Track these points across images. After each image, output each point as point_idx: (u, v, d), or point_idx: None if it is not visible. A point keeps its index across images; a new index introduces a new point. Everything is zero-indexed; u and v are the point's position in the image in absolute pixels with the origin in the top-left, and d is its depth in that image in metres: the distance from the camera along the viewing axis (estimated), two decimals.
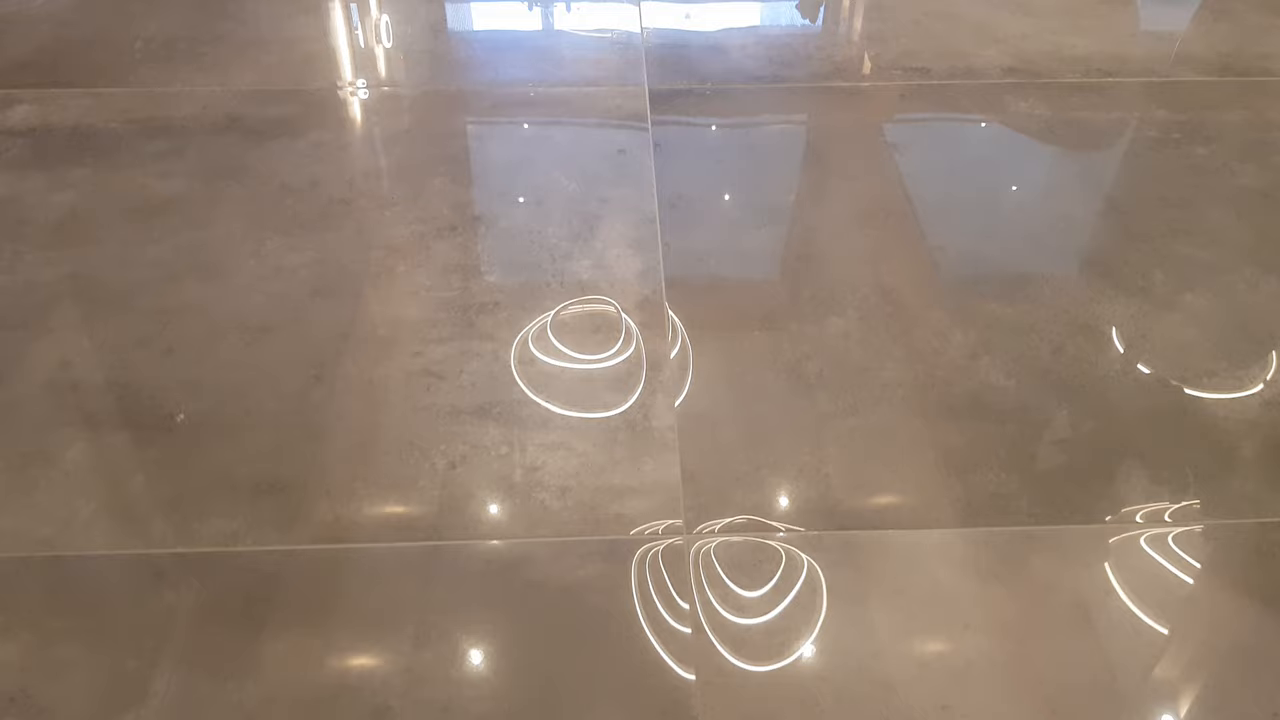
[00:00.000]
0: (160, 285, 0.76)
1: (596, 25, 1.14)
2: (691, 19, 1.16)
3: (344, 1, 1.18)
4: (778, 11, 1.22)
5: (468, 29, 1.14)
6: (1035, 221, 0.84)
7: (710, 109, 0.99)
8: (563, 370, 0.70)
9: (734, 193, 0.88)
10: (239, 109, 0.97)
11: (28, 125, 0.94)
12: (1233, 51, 1.09)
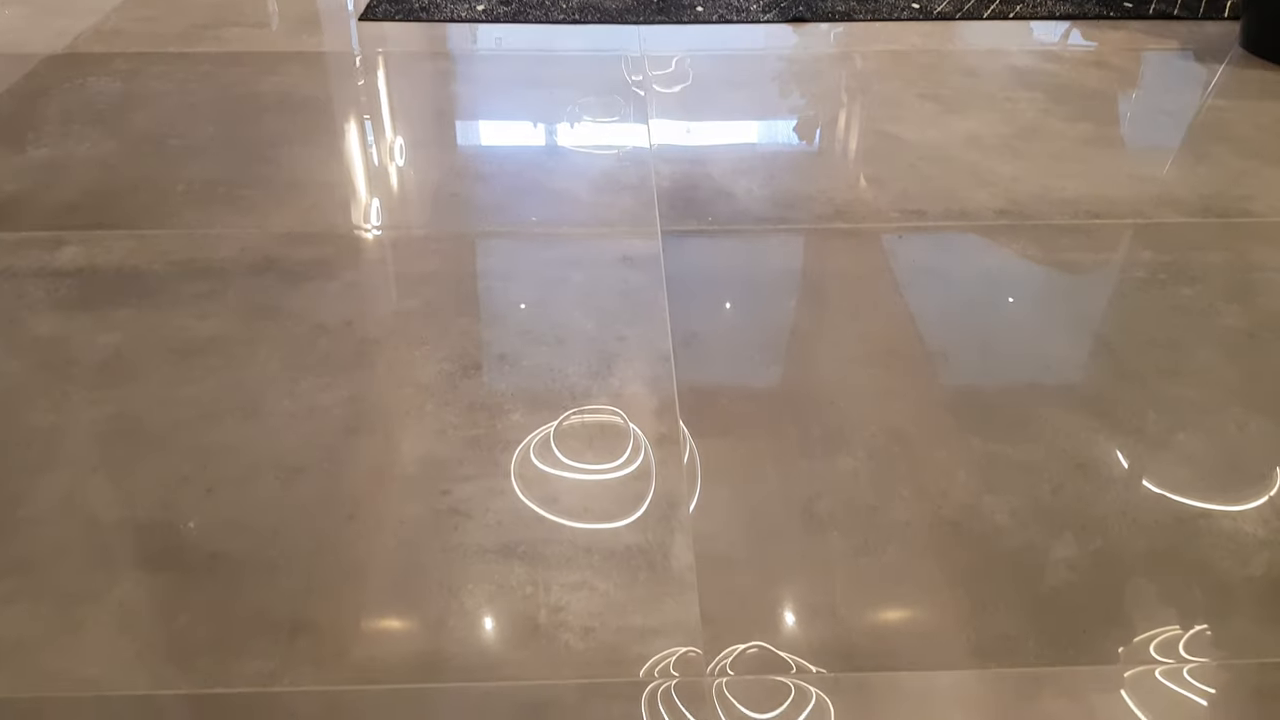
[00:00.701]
0: (200, 424, 0.80)
1: (609, 153, 1.21)
2: (692, 134, 1.23)
3: (373, 148, 1.25)
4: (775, 130, 1.29)
5: (489, 169, 1.21)
6: (1032, 361, 0.88)
7: (719, 250, 1.05)
8: (585, 509, 0.73)
9: (744, 332, 0.92)
10: (276, 251, 1.02)
11: (75, 266, 1.00)
12: (1214, 194, 1.16)
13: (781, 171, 1.20)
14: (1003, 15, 1.70)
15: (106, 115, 1.32)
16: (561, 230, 1.08)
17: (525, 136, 1.29)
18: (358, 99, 1.38)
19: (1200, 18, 1.70)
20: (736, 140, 1.28)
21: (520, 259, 1.03)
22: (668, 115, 1.34)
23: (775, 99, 1.40)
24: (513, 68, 1.49)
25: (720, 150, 1.25)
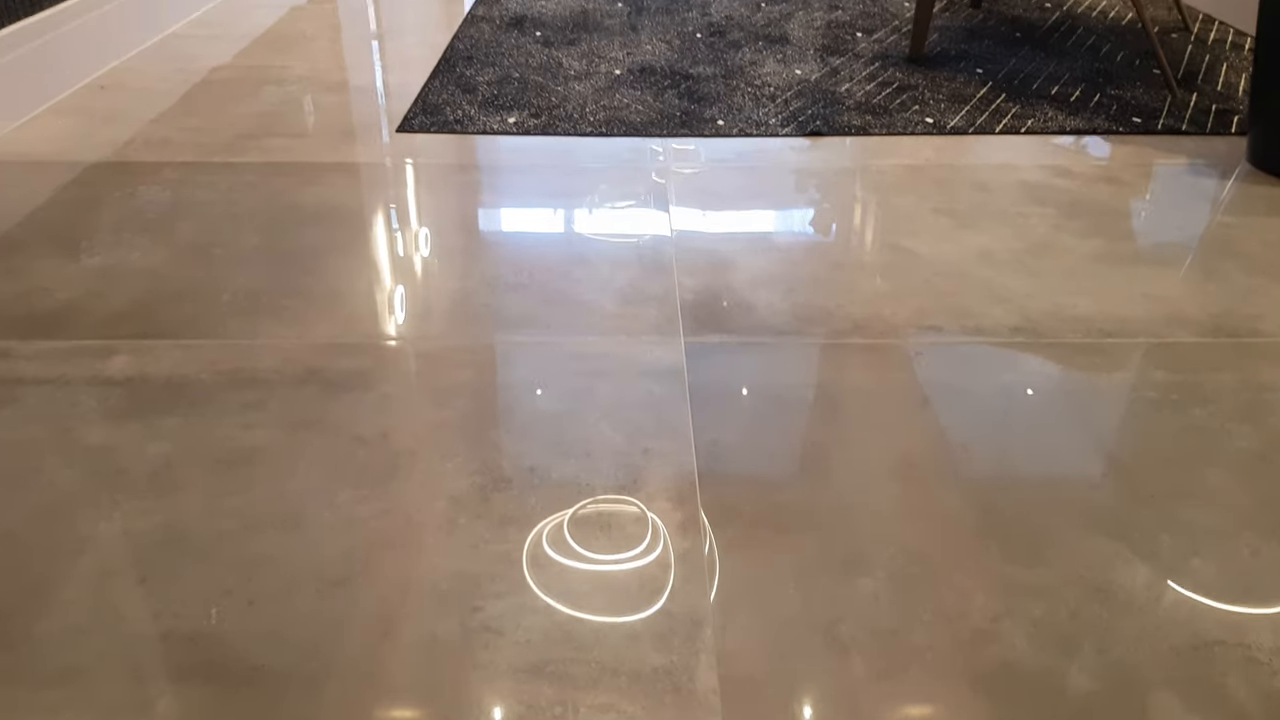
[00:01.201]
0: (244, 536, 0.83)
1: (633, 265, 1.26)
2: (713, 246, 1.28)
3: (407, 259, 1.31)
4: (793, 242, 1.34)
5: (519, 279, 1.26)
6: (1048, 482, 0.91)
7: (741, 363, 1.08)
8: (612, 627, 0.75)
9: (766, 447, 0.95)
10: (317, 361, 1.07)
11: (125, 375, 1.04)
12: (1223, 312, 1.19)
13: (800, 284, 1.25)
14: (1014, 130, 1.76)
15: (156, 224, 1.38)
16: (588, 341, 1.12)
17: (552, 247, 1.34)
18: (393, 210, 1.44)
19: (1208, 133, 1.76)
20: (756, 252, 1.33)
21: (549, 370, 1.07)
22: (691, 227, 1.39)
23: (793, 212, 1.45)
24: (540, 179, 1.55)
25: (741, 262, 1.30)
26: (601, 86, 1.99)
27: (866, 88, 1.98)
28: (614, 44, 2.28)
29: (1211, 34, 2.36)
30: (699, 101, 1.91)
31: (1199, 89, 1.97)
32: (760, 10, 2.58)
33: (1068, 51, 2.22)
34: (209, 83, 1.97)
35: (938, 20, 2.47)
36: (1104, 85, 1.99)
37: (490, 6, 2.59)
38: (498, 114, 1.83)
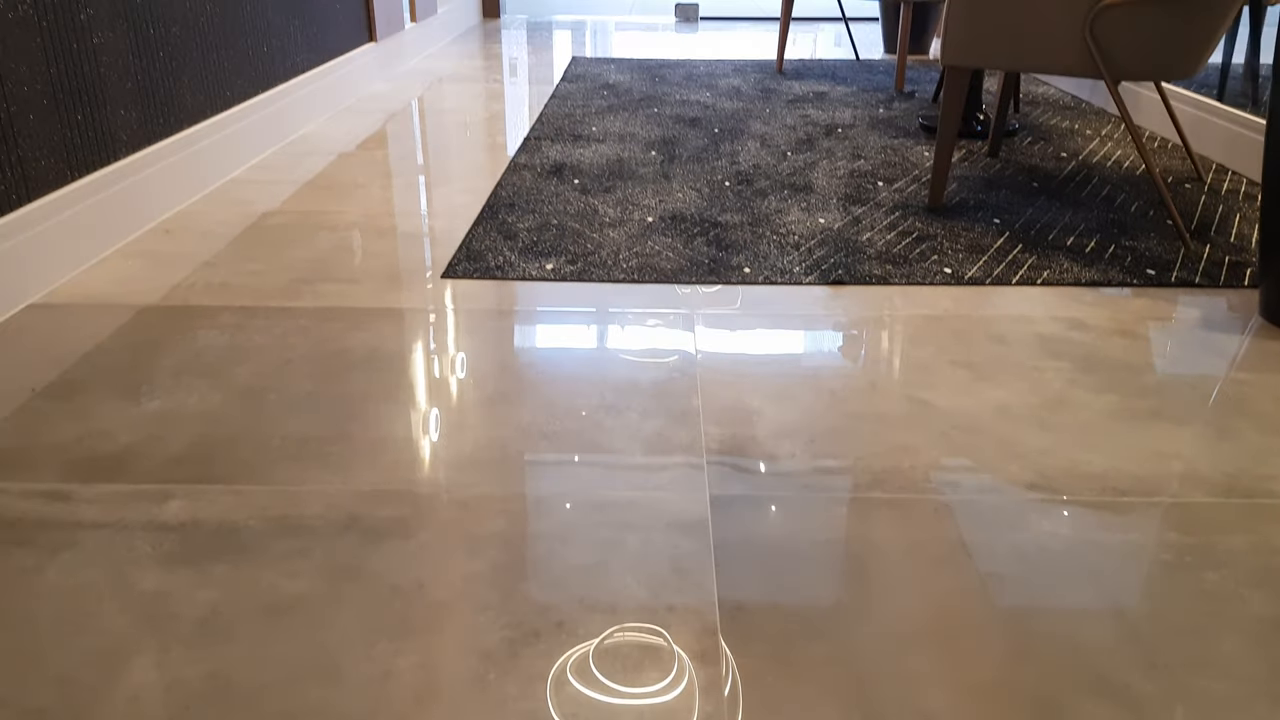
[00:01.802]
0: (286, 687, 0.87)
1: (661, 415, 1.31)
2: (738, 396, 1.33)
3: (448, 405, 1.37)
4: (816, 393, 1.39)
5: (552, 427, 1.32)
6: (1064, 647, 0.93)
7: (764, 518, 1.13)
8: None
9: (787, 605, 0.99)
10: (359, 509, 1.12)
11: (179, 521, 1.10)
12: (1237, 472, 1.22)
13: (822, 435, 1.30)
14: (1031, 281, 1.83)
15: (213, 368, 1.47)
16: (617, 493, 1.17)
17: (584, 395, 1.41)
18: (435, 355, 1.52)
19: (1221, 285, 1.81)
20: (780, 400, 1.38)
21: (579, 521, 1.11)
22: (716, 376, 1.46)
23: (816, 361, 1.51)
24: (574, 327, 1.63)
25: (765, 411, 1.35)
26: (634, 233, 2.09)
27: (887, 237, 2.07)
28: (647, 191, 2.40)
29: (1225, 184, 2.44)
30: (726, 249, 2.00)
31: (1212, 240, 2.04)
32: (786, 159, 2.71)
33: (1083, 201, 2.31)
34: (267, 227, 2.10)
35: (957, 169, 2.58)
36: (1118, 236, 2.07)
37: (532, 154, 2.74)
38: (536, 260, 1.93)
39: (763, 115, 3.28)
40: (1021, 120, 3.18)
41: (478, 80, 3.94)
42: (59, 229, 1.78)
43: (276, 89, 2.79)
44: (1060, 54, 2.04)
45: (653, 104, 3.46)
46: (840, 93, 3.67)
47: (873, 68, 4.24)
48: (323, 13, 3.18)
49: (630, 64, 4.34)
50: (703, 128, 3.09)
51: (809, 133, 3.02)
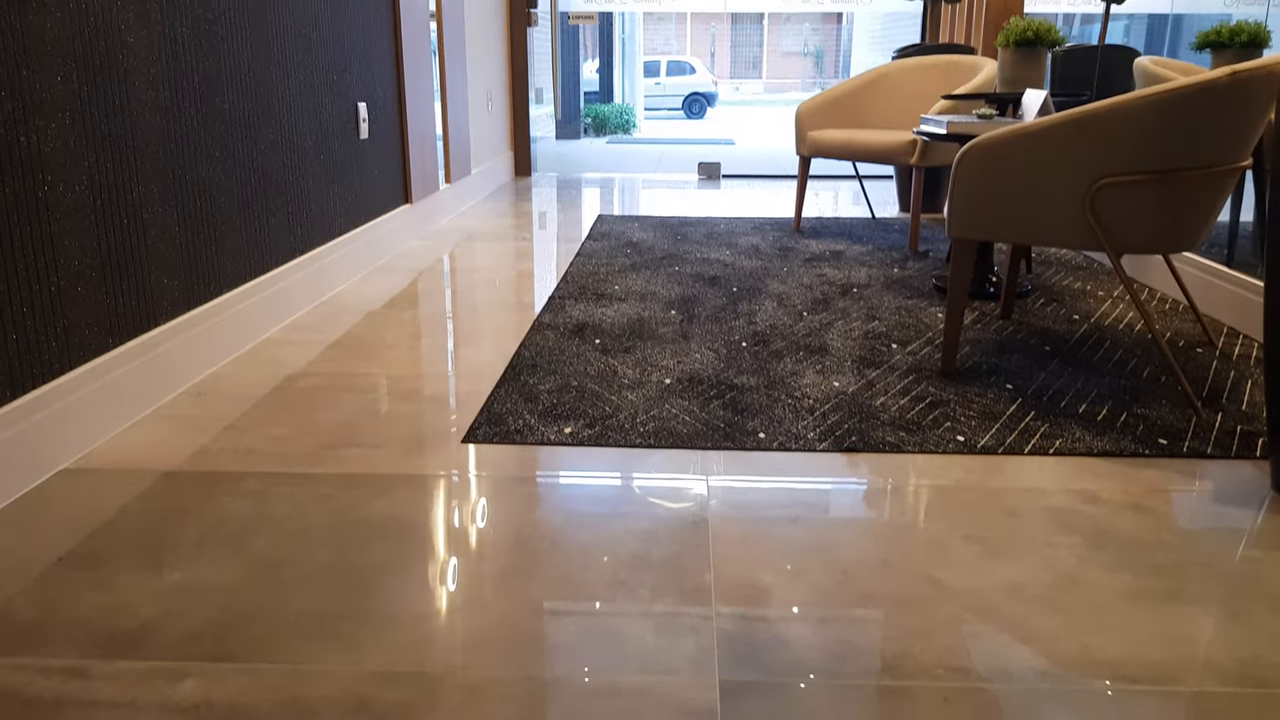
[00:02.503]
0: None
1: (672, 592, 1.32)
2: (751, 572, 1.34)
3: (464, 580, 1.39)
4: (829, 570, 1.39)
5: (563, 606, 1.33)
6: None
7: (774, 706, 1.12)
8: None
9: None
10: (368, 691, 1.13)
11: (193, 702, 1.12)
12: (1251, 658, 1.20)
13: (834, 616, 1.30)
14: (1043, 450, 1.84)
15: (235, 538, 1.50)
16: (627, 679, 1.17)
17: (598, 570, 1.42)
18: (453, 525, 1.55)
19: (1233, 456, 1.82)
20: (793, 580, 1.39)
21: (586, 709, 1.11)
22: (729, 549, 1.47)
23: (829, 536, 1.52)
24: (591, 495, 1.66)
25: (776, 590, 1.36)
26: (652, 396, 2.14)
27: (901, 402, 2.10)
28: (665, 352, 2.47)
29: (1236, 349, 2.47)
30: (742, 413, 2.04)
31: (1224, 408, 2.06)
32: (802, 319, 2.78)
33: (1095, 366, 2.34)
34: (296, 390, 2.17)
35: (969, 331, 2.64)
36: (1130, 403, 2.09)
37: (556, 313, 2.83)
38: (555, 424, 1.97)
39: (780, 274, 3.38)
40: (1034, 281, 3.25)
41: (507, 238, 4.10)
42: (96, 395, 1.86)
43: (313, 252, 2.92)
44: (1063, 229, 2.12)
45: (674, 262, 3.58)
46: (856, 251, 3.78)
47: (888, 226, 4.38)
48: (361, 180, 3.36)
49: (653, 221, 4.50)
50: (722, 286, 3.19)
51: (825, 292, 3.11)
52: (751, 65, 22.57)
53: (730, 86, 21.99)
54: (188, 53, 2.19)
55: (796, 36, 21.67)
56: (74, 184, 1.80)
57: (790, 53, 22.34)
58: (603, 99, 13.93)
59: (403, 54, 3.77)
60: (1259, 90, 2.02)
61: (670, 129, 14.32)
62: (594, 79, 14.40)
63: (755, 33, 22.18)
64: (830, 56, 21.98)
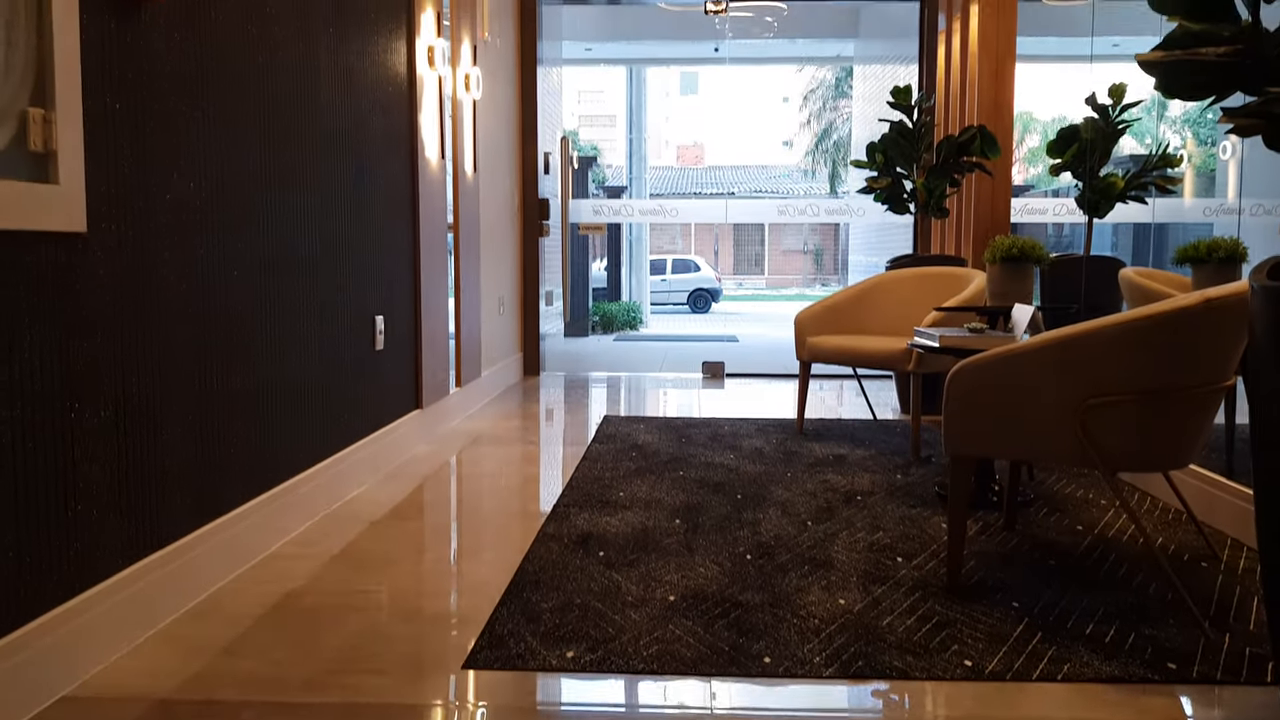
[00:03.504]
0: None
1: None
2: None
3: None
4: None
5: None
6: None
7: None
8: None
9: None
10: None
11: None
12: None
13: None
14: (1051, 676, 1.82)
15: None
16: None
17: None
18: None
19: (1243, 681, 1.79)
20: None
21: None
22: None
23: None
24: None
25: None
26: (656, 615, 2.13)
27: (907, 622, 2.09)
28: (669, 565, 2.46)
29: (1241, 562, 2.46)
30: (747, 634, 2.02)
31: (1231, 629, 2.03)
32: (807, 529, 2.79)
33: (1100, 582, 2.33)
34: (297, 609, 2.17)
35: (974, 543, 2.64)
36: (1138, 623, 2.07)
37: (561, 523, 2.85)
38: (558, 646, 1.96)
39: (784, 480, 3.41)
40: (1035, 489, 3.28)
41: (514, 441, 4.17)
42: (101, 618, 1.86)
43: (324, 463, 2.98)
44: (1056, 446, 2.17)
45: (679, 466, 3.62)
46: (859, 456, 3.83)
47: (890, 429, 4.44)
48: (374, 390, 3.46)
49: (659, 423, 4.58)
50: (726, 493, 3.22)
51: (829, 500, 3.13)
52: (754, 262, 23.42)
53: (734, 282, 22.75)
54: (216, 278, 2.33)
55: (796, 236, 22.61)
56: (100, 409, 1.87)
57: (791, 250, 23.24)
58: (610, 296, 14.42)
59: (420, 266, 3.96)
60: (1233, 314, 2.11)
61: (676, 324, 14.73)
62: (602, 276, 14.97)
63: (757, 232, 23.15)
64: (829, 254, 22.84)
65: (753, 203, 17.27)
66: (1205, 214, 4.81)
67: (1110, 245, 5.22)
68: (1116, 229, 5.14)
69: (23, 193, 1.64)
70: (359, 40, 3.28)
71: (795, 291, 21.59)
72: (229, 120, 2.38)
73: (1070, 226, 7.54)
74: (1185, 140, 5.12)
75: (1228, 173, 4.42)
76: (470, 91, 4.77)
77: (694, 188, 22.28)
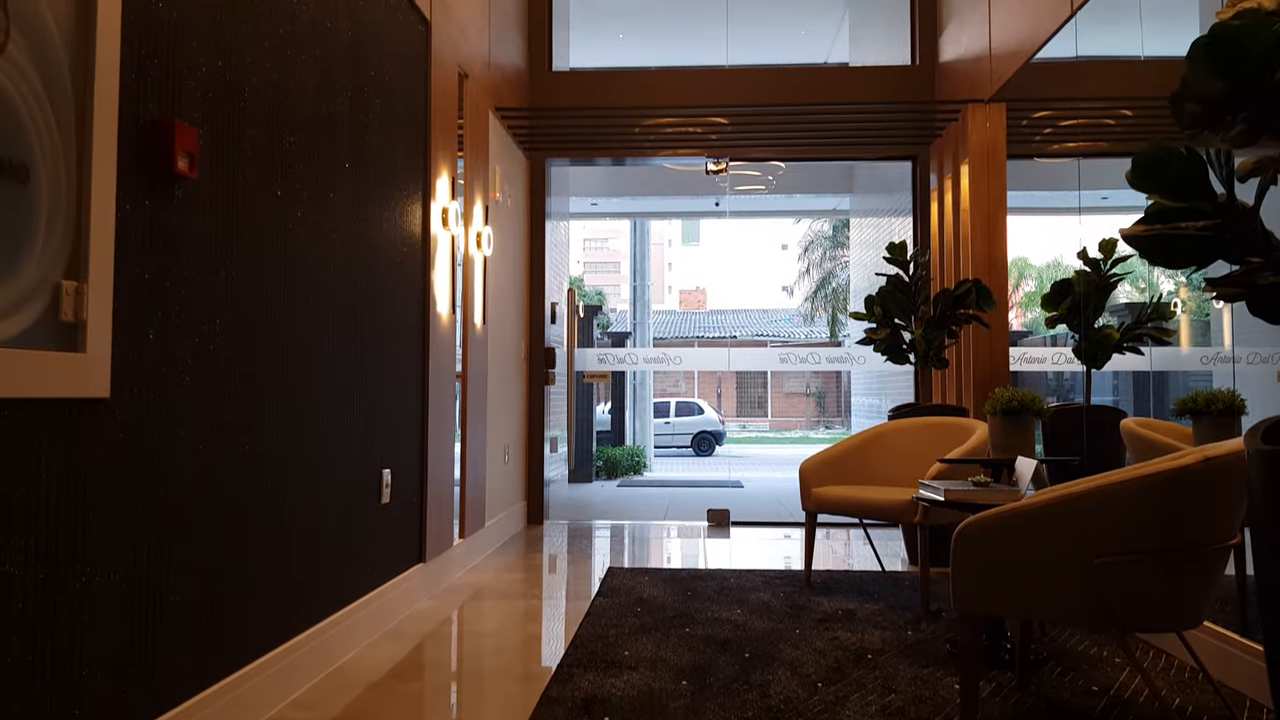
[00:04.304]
0: None
1: None
2: None
3: None
4: None
5: None
6: None
7: None
8: None
9: None
10: None
11: None
12: None
13: None
14: None
15: None
16: None
17: None
18: None
19: None
20: None
21: None
22: None
23: None
24: None
25: None
26: None
27: None
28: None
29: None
30: None
31: None
32: (817, 692, 2.73)
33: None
34: None
35: (987, 706, 2.57)
36: None
37: (564, 686, 2.78)
38: None
39: (793, 637, 3.35)
40: (1049, 646, 3.22)
41: (517, 596, 4.11)
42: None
43: (325, 621, 2.94)
44: (1065, 607, 2.15)
45: (685, 622, 3.57)
46: (868, 611, 3.77)
47: (898, 581, 4.39)
48: (378, 545, 3.45)
49: (664, 575, 4.53)
50: (733, 652, 3.16)
51: (839, 659, 3.07)
52: (757, 405, 23.54)
53: (737, 424, 22.80)
54: (228, 436, 2.37)
55: (799, 379, 22.82)
56: (110, 572, 1.88)
57: (794, 393, 23.40)
58: (614, 440, 14.45)
59: (429, 418, 4.01)
60: (1234, 471, 2.13)
61: (680, 468, 14.69)
62: (606, 418, 15.03)
63: (760, 374, 23.36)
64: (832, 396, 22.98)
65: (754, 351, 17.54)
66: (1202, 362, 4.87)
67: (1111, 390, 5.26)
68: (1117, 375, 5.19)
69: (52, 362, 1.71)
70: (377, 203, 3.44)
71: (799, 434, 21.60)
72: (249, 280, 2.47)
73: (1071, 373, 7.61)
74: (1178, 287, 5.24)
75: (1222, 320, 4.51)
76: (481, 249, 4.94)
77: (697, 331, 22.66)
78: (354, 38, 3.21)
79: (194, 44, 2.19)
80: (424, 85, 4.00)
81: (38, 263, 1.69)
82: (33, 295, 1.68)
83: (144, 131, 1.99)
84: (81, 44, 1.76)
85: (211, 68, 2.27)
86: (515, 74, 6.03)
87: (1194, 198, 1.74)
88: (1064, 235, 5.04)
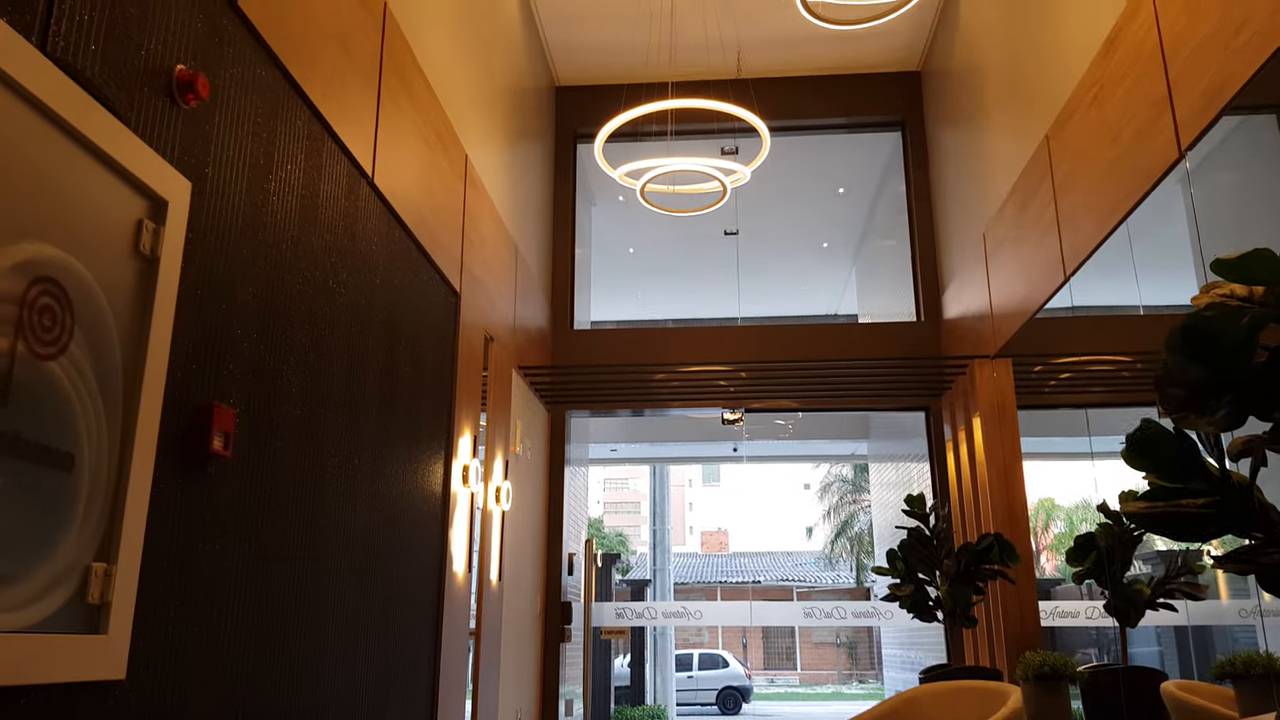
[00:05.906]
0: None
1: None
2: None
3: None
4: None
5: None
6: None
7: None
8: None
9: None
10: None
11: None
12: None
13: None
14: None
15: None
16: None
17: None
18: None
19: None
20: None
21: None
22: None
23: None
24: None
25: None
26: None
27: None
28: None
29: None
30: None
31: None
32: None
33: None
34: None
35: None
36: None
37: None
38: None
39: None
40: None
41: None
42: None
43: None
44: None
45: None
46: None
47: None
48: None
49: None
50: None
51: None
52: (785, 656, 22.62)
53: (764, 678, 21.81)
54: (242, 686, 2.32)
55: (829, 629, 22.08)
56: None
57: (823, 643, 22.53)
58: (634, 698, 13.80)
59: (440, 680, 3.90)
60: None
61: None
62: (625, 672, 14.42)
63: (787, 624, 22.65)
64: (863, 646, 22.10)
65: (779, 605, 17.10)
66: (1241, 615, 4.69)
67: (1155, 640, 5.00)
68: (1158, 629, 4.97)
69: (75, 646, 1.72)
70: (399, 465, 3.53)
71: (831, 689, 20.57)
72: (274, 551, 2.51)
73: (1113, 625, 7.31)
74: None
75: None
76: (500, 504, 4.99)
77: (719, 576, 22.16)
78: (388, 314, 3.43)
79: (238, 331, 2.36)
80: (451, 352, 4.21)
81: (73, 546, 1.75)
82: (64, 578, 1.72)
83: (185, 416, 2.11)
84: (135, 343, 1.91)
85: (254, 351, 2.43)
86: (538, 333, 6.33)
87: (1189, 476, 1.79)
88: (1086, 477, 5.02)
